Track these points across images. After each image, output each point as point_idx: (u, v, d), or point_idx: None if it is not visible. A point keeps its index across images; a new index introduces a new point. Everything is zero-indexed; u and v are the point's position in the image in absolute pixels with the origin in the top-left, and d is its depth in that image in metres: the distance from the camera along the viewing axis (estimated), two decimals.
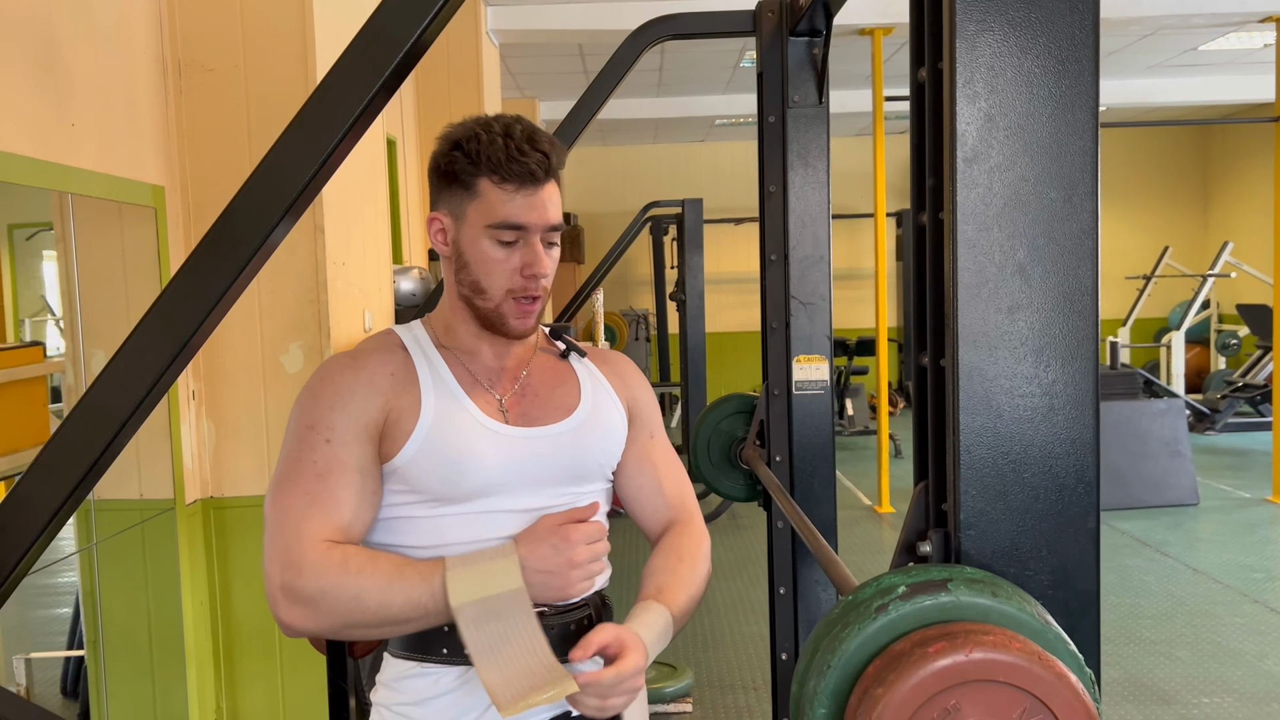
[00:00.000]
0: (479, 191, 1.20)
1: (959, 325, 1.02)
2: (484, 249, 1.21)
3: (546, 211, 1.21)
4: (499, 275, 1.21)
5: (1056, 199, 1.01)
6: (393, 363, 1.23)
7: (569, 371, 1.33)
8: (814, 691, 0.92)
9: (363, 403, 1.19)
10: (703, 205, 7.69)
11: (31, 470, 1.04)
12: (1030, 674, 0.86)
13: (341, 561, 1.13)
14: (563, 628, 1.23)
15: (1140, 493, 6.41)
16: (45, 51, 2.28)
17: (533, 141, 1.19)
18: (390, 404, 1.20)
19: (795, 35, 2.25)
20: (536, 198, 1.20)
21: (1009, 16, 1.00)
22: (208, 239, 1.03)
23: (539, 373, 1.30)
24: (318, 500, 1.16)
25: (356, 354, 1.24)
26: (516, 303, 1.22)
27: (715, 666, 4.04)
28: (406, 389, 1.21)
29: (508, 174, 1.18)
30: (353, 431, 1.18)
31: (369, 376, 1.21)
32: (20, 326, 4.81)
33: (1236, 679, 3.78)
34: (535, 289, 1.22)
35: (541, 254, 1.21)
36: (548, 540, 1.16)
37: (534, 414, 1.26)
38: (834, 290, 2.37)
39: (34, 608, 4.64)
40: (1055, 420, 1.02)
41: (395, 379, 1.21)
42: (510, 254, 1.21)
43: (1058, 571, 1.03)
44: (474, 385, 1.25)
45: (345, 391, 1.19)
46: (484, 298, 1.22)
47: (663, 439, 1.40)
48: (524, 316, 1.23)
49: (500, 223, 1.19)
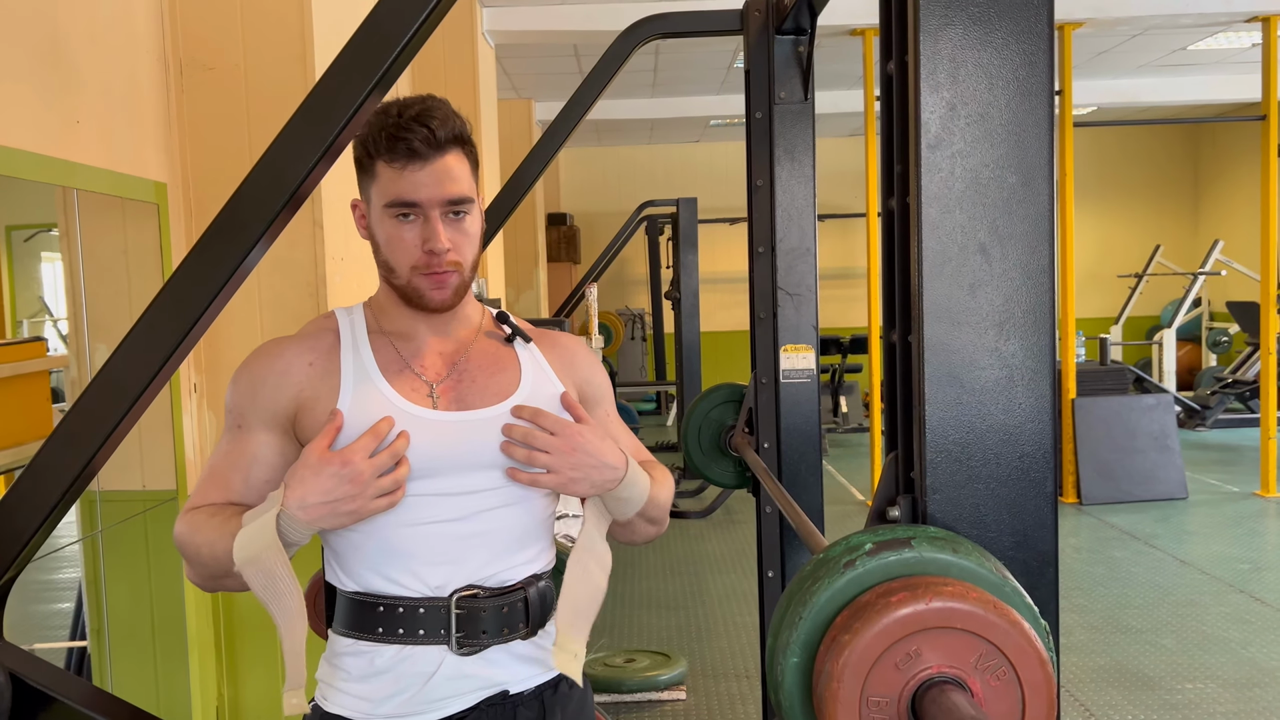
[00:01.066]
0: (375, 173, 1.22)
1: (924, 302, 1.08)
2: (386, 229, 1.23)
3: (441, 186, 1.21)
4: (402, 253, 1.23)
5: (1015, 183, 1.08)
6: (316, 350, 1.26)
7: (511, 357, 1.32)
8: (786, 642, 0.99)
9: (273, 392, 1.23)
10: (697, 205, 7.77)
11: (47, 445, 1.10)
12: (985, 621, 0.92)
13: (190, 521, 1.21)
14: (496, 610, 1.24)
15: (1129, 487, 6.48)
16: (50, 49, 2.34)
17: (420, 118, 1.20)
18: (304, 393, 1.23)
19: (781, 34, 2.31)
20: (425, 173, 1.20)
21: (970, 12, 1.06)
22: (215, 225, 1.09)
23: (478, 357, 1.30)
24: (213, 477, 1.24)
25: (282, 341, 1.27)
26: (425, 277, 1.23)
27: (709, 655, 4.10)
28: (326, 377, 1.24)
29: (393, 153, 1.20)
30: (259, 419, 1.23)
31: (284, 366, 1.24)
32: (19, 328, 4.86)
33: (1220, 665, 3.85)
34: (438, 264, 1.22)
35: (438, 229, 1.21)
36: (325, 470, 1.14)
37: (468, 398, 1.26)
38: (827, 289, 2.45)
39: (36, 602, 4.69)
40: (1015, 390, 1.09)
41: (314, 368, 1.24)
42: (409, 230, 1.22)
43: (1018, 533, 1.09)
44: (401, 370, 1.26)
45: (258, 380, 1.24)
46: (395, 276, 1.25)
47: (615, 414, 1.41)
48: (438, 288, 1.24)
49: (392, 200, 1.21)
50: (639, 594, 4.96)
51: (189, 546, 1.20)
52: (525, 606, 1.27)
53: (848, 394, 9.33)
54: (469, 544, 1.24)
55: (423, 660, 1.22)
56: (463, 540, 1.24)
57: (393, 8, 1.06)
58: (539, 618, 1.29)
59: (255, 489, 1.23)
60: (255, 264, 1.12)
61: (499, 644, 1.25)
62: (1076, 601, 4.64)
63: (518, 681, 1.27)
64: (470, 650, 1.23)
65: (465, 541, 1.24)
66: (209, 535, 1.18)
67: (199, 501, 1.23)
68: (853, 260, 11.13)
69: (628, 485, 1.26)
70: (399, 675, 1.23)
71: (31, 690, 1.09)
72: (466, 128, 1.25)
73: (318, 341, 1.27)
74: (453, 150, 1.22)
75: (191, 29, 2.90)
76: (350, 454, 1.14)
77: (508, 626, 1.25)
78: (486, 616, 1.23)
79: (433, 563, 1.23)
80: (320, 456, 1.15)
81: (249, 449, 1.23)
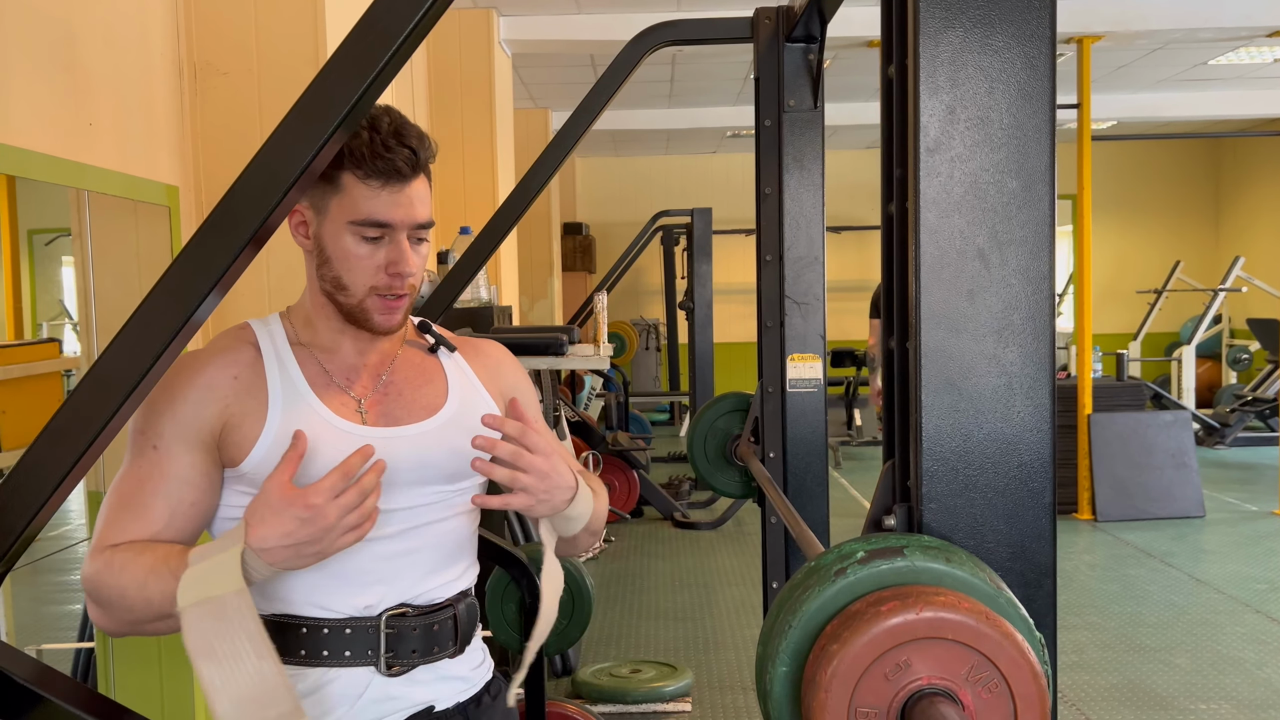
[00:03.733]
0: (342, 186, 1.16)
1: (922, 308, 1.07)
2: (346, 245, 1.17)
3: (413, 208, 1.17)
4: (361, 272, 1.17)
5: (1015, 188, 1.07)
6: (239, 364, 1.19)
7: (436, 368, 1.28)
8: (775, 650, 0.97)
9: (195, 409, 1.16)
10: (712, 215, 7.76)
11: (41, 437, 1.10)
12: (977, 632, 0.90)
13: (108, 561, 1.11)
14: (425, 629, 1.21)
15: (1145, 504, 6.41)
16: (65, 52, 2.36)
17: (399, 136, 1.16)
18: (230, 409, 1.17)
19: (791, 41, 2.31)
20: (402, 194, 1.16)
21: (970, 15, 1.05)
22: (209, 222, 1.09)
23: (404, 370, 1.26)
24: (128, 507, 1.15)
25: (201, 355, 1.21)
26: (381, 299, 1.18)
27: (715, 667, 4.07)
28: (251, 392, 1.18)
29: (372, 170, 1.15)
30: (181, 438, 1.16)
31: (207, 381, 1.17)
32: (39, 330, 4.91)
33: (1234, 686, 3.79)
34: (401, 286, 1.18)
35: (408, 252, 1.17)
36: (287, 511, 1.05)
37: (396, 413, 1.23)
38: (843, 301, 2.44)
39: (46, 603, 4.71)
40: (1013, 399, 1.07)
41: (238, 382, 1.18)
42: (374, 250, 1.17)
43: (1015, 544, 1.07)
44: (328, 385, 1.21)
45: (179, 397, 1.17)
46: (346, 294, 1.19)
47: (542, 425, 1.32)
48: (389, 313, 1.19)
49: (364, 219, 1.16)
50: (647, 605, 4.93)
51: (107, 589, 1.10)
52: (455, 624, 1.24)
53: (861, 406, 9.28)
54: (398, 563, 1.20)
55: (349, 682, 1.18)
56: (392, 559, 1.20)
57: (389, 6, 1.06)
58: (467, 635, 1.27)
59: (181, 513, 1.15)
60: (249, 262, 1.12)
61: (426, 663, 1.22)
62: (1090, 619, 4.58)
63: (444, 698, 1.25)
64: (399, 670, 1.20)
65: (395, 560, 1.20)
66: (136, 575, 1.09)
67: (115, 538, 1.13)
68: (868, 273, 11.09)
69: (577, 503, 1.22)
70: (323, 698, 1.18)
71: (18, 688, 1.09)
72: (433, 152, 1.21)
73: (238, 355, 1.20)
74: (423, 174, 1.20)
75: (206, 33, 2.92)
76: (314, 495, 1.05)
77: (437, 645, 1.23)
78: (416, 636, 1.21)
79: (362, 583, 1.18)
80: (281, 495, 1.06)
81: (171, 470, 1.15)
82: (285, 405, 1.18)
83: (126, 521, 1.14)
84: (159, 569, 1.09)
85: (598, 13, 6.22)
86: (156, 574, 1.08)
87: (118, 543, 1.13)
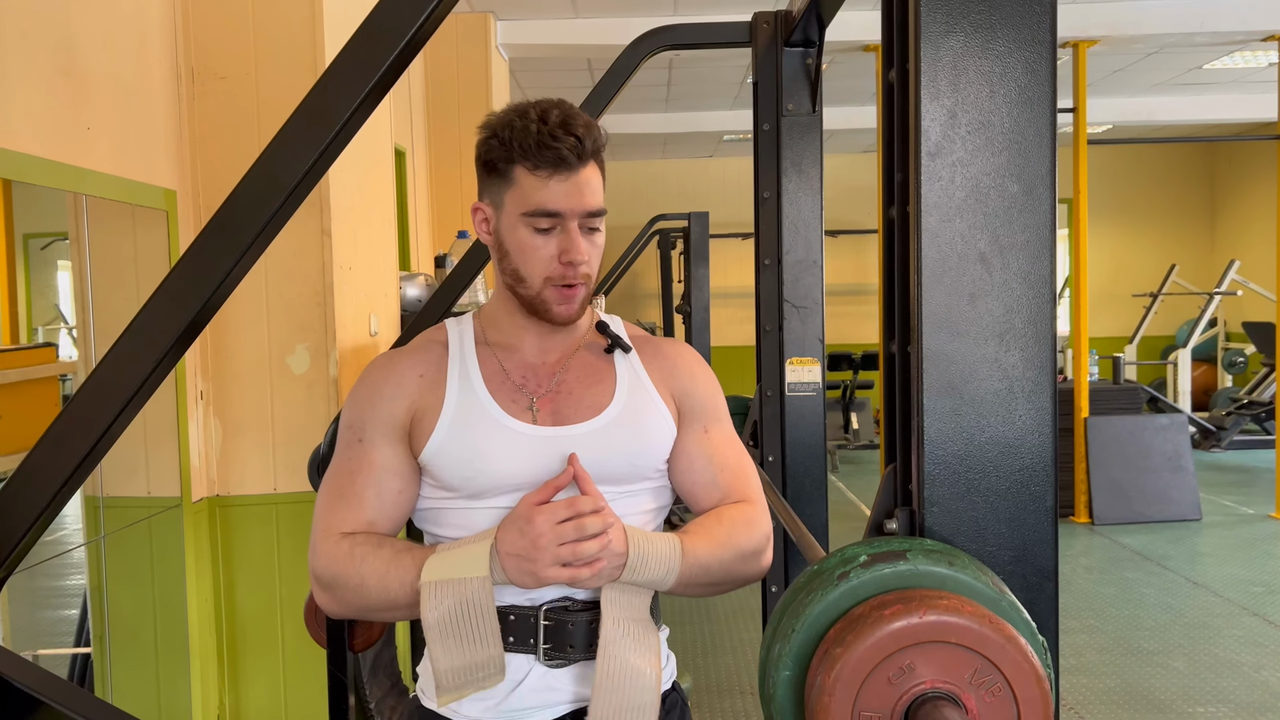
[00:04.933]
0: (514, 179, 1.21)
1: (923, 312, 1.07)
2: (521, 237, 1.21)
3: (583, 197, 1.20)
4: (537, 263, 1.21)
5: (1017, 192, 1.07)
6: (425, 362, 1.27)
7: (609, 368, 1.30)
8: (779, 654, 0.97)
9: (389, 403, 1.24)
10: (709, 219, 7.76)
11: (42, 442, 1.10)
12: (980, 636, 0.90)
13: (348, 550, 1.19)
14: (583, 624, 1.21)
15: (1142, 507, 6.42)
16: (64, 57, 2.35)
17: (567, 126, 1.19)
18: (416, 404, 1.24)
19: (790, 46, 2.31)
20: (570, 183, 1.19)
21: (971, 19, 1.05)
22: (211, 226, 1.09)
23: (578, 369, 1.29)
24: (344, 496, 1.23)
25: (395, 354, 1.29)
26: (556, 289, 1.22)
27: (714, 671, 4.07)
28: (434, 388, 1.24)
29: (540, 160, 1.19)
30: (380, 431, 1.24)
31: (397, 378, 1.25)
32: (34, 334, 4.90)
33: (1231, 689, 3.80)
34: (574, 276, 1.21)
35: (578, 240, 1.21)
36: (515, 523, 1.15)
37: (565, 412, 1.25)
38: (839, 305, 2.43)
39: (43, 608, 4.69)
40: (1015, 402, 1.07)
41: (424, 379, 1.25)
42: (547, 241, 1.21)
43: (1017, 548, 1.07)
44: (504, 383, 1.26)
45: (375, 393, 1.25)
46: (524, 286, 1.23)
47: (722, 432, 1.33)
48: (566, 302, 1.23)
49: (535, 210, 1.20)
50: None
51: (348, 576, 1.18)
52: None
53: (859, 410, 9.28)
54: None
55: (510, 668, 1.21)
56: None
57: (391, 10, 1.06)
58: None
59: (390, 500, 1.23)
60: (250, 266, 1.12)
61: (587, 659, 1.22)
62: (1087, 622, 4.59)
63: None
64: (558, 663, 1.22)
65: None
66: (377, 566, 1.17)
67: (336, 525, 1.22)
68: (865, 276, 11.11)
69: (630, 572, 1.18)
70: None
71: (18, 693, 1.09)
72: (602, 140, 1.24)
73: (427, 354, 1.28)
74: (592, 161, 1.22)
75: (204, 38, 2.92)
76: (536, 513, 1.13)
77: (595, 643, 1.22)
78: (574, 630, 1.21)
79: None
80: (522, 505, 1.15)
81: (376, 460, 1.23)
82: (459, 402, 1.24)
83: (343, 511, 1.23)
84: (400, 559, 1.18)
85: (595, 17, 6.23)
86: (398, 564, 1.17)
87: (342, 532, 1.21)
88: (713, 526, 1.27)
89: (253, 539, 3.01)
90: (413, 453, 1.25)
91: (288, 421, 2.99)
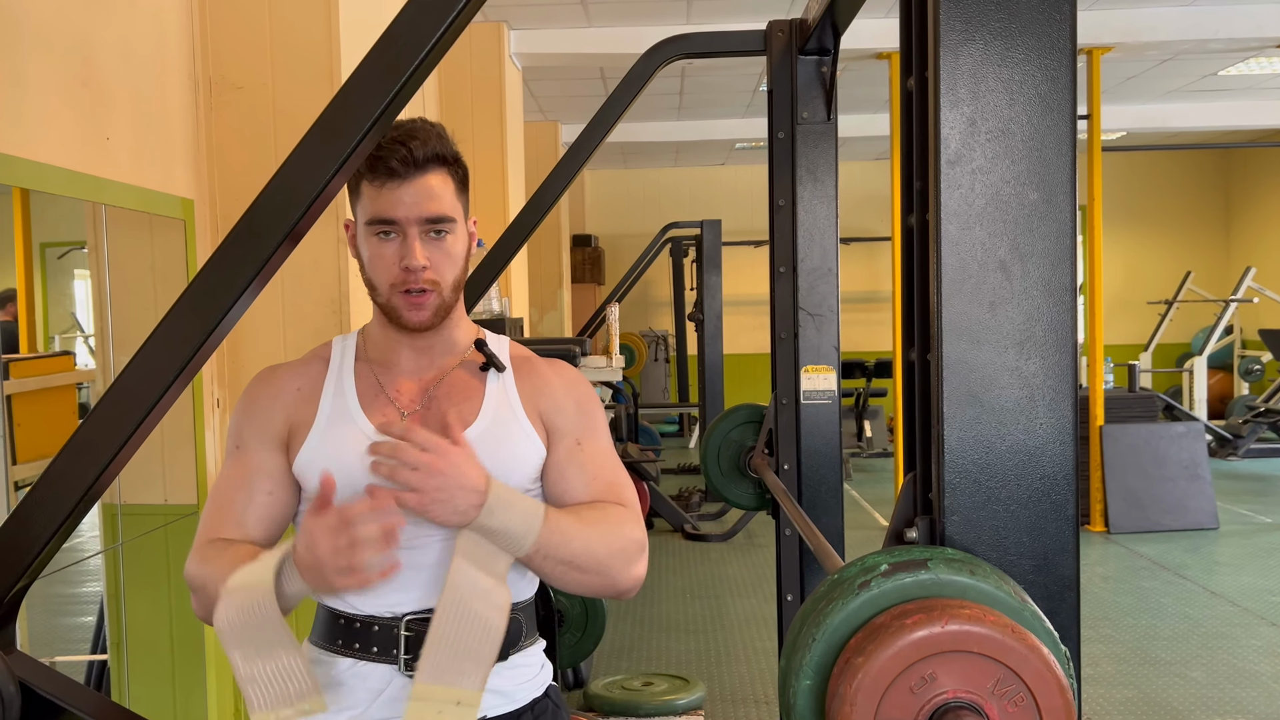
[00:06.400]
0: (360, 192, 1.25)
1: (943, 320, 1.07)
2: (369, 246, 1.24)
3: (418, 204, 1.22)
4: (382, 270, 1.24)
5: (1037, 199, 1.07)
6: (304, 376, 1.31)
7: (479, 386, 1.31)
8: (799, 664, 0.97)
9: (266, 413, 1.28)
10: (721, 227, 7.77)
11: (63, 451, 1.11)
12: (1003, 645, 0.90)
13: (202, 554, 1.23)
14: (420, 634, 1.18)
15: (1158, 516, 6.38)
16: (83, 68, 2.37)
17: (400, 139, 1.22)
18: (292, 416, 1.28)
19: (804, 54, 2.31)
20: (404, 191, 1.21)
21: (990, 27, 1.05)
22: (232, 236, 1.10)
23: (451, 386, 1.30)
24: (215, 503, 1.28)
25: (276, 367, 1.34)
26: (403, 296, 1.24)
27: (728, 680, 4.06)
28: (309, 402, 1.28)
29: (374, 172, 1.22)
30: (255, 438, 1.28)
31: (275, 390, 1.30)
32: (51, 343, 4.93)
33: (1250, 700, 3.76)
34: (415, 281, 1.22)
35: (415, 247, 1.22)
36: (301, 536, 1.13)
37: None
38: (852, 313, 2.43)
39: (60, 615, 4.71)
40: (1036, 411, 1.07)
41: (300, 393, 1.29)
42: (389, 248, 1.23)
43: (1038, 557, 1.07)
44: (376, 398, 1.28)
45: (254, 403, 1.30)
46: (377, 294, 1.26)
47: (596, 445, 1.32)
48: (415, 309, 1.24)
49: (372, 218, 1.23)
50: (658, 617, 4.92)
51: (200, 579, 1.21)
52: None
53: (872, 418, 9.25)
54: (423, 573, 1.23)
55: (373, 677, 1.24)
56: (417, 569, 1.23)
57: (410, 22, 1.07)
58: None
59: (260, 502, 1.26)
60: (271, 275, 1.13)
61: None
62: (1103, 632, 4.55)
63: None
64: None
65: (419, 570, 1.23)
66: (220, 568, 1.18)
67: (208, 534, 1.25)
68: (878, 284, 11.08)
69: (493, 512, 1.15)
70: (351, 689, 1.24)
71: (41, 700, 1.09)
72: (451, 148, 1.27)
73: (308, 368, 1.32)
74: (434, 170, 1.24)
75: (221, 48, 2.94)
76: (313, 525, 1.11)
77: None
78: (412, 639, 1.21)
79: (387, 588, 1.21)
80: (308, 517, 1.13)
81: (249, 465, 1.27)
82: (330, 417, 1.27)
83: (215, 517, 1.26)
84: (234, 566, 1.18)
85: (608, 26, 6.24)
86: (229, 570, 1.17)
87: (212, 538, 1.25)
88: (583, 510, 1.25)
89: None
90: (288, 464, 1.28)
91: None
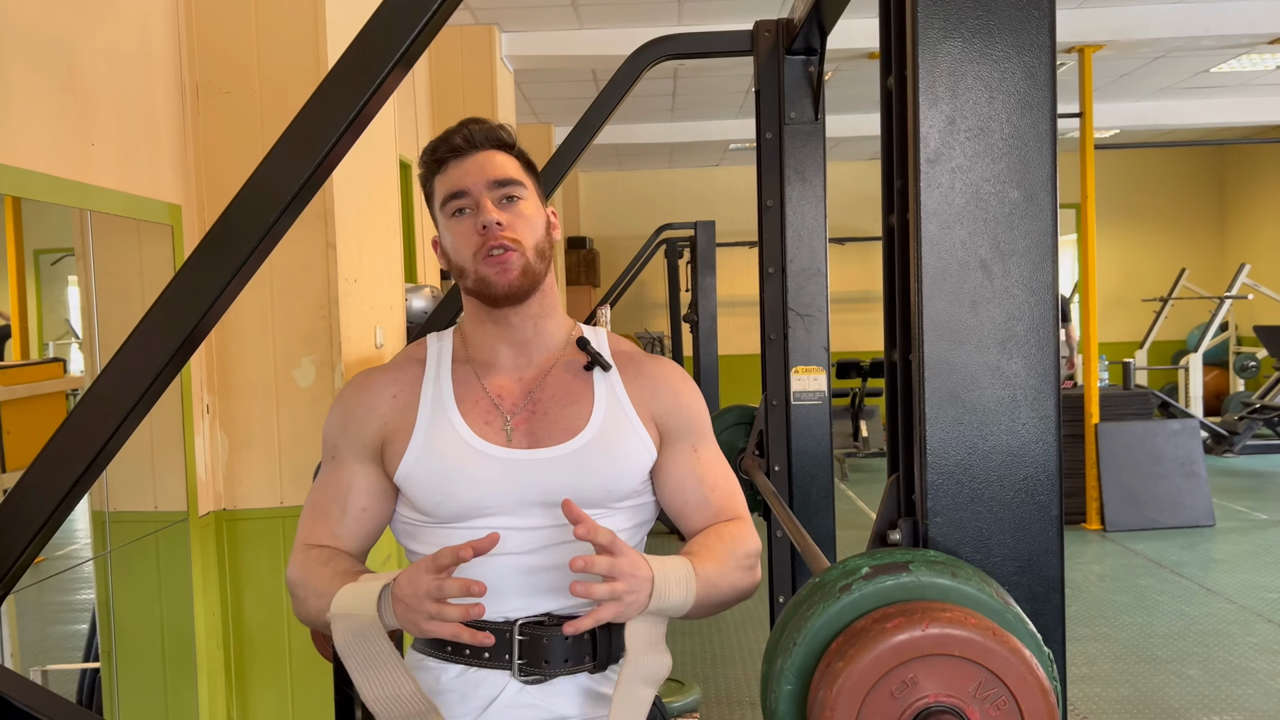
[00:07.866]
0: (434, 190, 1.28)
1: (924, 320, 1.06)
2: (448, 231, 1.26)
3: (483, 171, 1.24)
4: (464, 244, 1.24)
5: (1017, 198, 1.06)
6: (400, 382, 1.27)
7: (587, 387, 1.27)
8: (780, 669, 0.96)
9: (360, 424, 1.27)
10: (715, 228, 7.75)
11: (41, 457, 1.10)
12: (984, 649, 0.89)
13: (303, 562, 1.24)
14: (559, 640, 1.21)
15: (1154, 513, 6.38)
16: (68, 73, 2.36)
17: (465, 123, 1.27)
18: (388, 424, 1.25)
19: (791, 54, 2.30)
20: (469, 163, 1.24)
21: (969, 25, 1.04)
22: (209, 238, 1.08)
23: (554, 387, 1.27)
24: (314, 510, 1.28)
25: (371, 373, 1.31)
26: (487, 262, 1.22)
27: (722, 682, 4.05)
28: (407, 410, 1.25)
29: (439, 160, 1.26)
30: (351, 449, 1.27)
31: (370, 399, 1.27)
32: (45, 349, 4.92)
33: (1247, 697, 3.76)
34: (493, 238, 1.22)
35: (489, 206, 1.22)
36: (409, 572, 1.13)
37: (539, 434, 1.24)
38: (846, 313, 2.43)
39: (53, 623, 4.70)
40: (1018, 410, 1.06)
41: (396, 400, 1.26)
42: (465, 222, 1.24)
43: (1022, 558, 1.06)
44: (478, 403, 1.25)
45: (348, 412, 1.28)
46: (466, 277, 1.24)
47: (709, 450, 1.32)
48: (500, 269, 1.22)
49: (445, 197, 1.25)
50: None
51: (301, 588, 1.23)
52: (593, 640, 1.23)
53: (868, 418, 9.25)
54: (536, 578, 1.22)
55: (486, 684, 1.22)
56: (530, 574, 1.22)
57: (385, 23, 1.06)
58: (606, 653, 1.24)
59: (354, 517, 1.26)
60: (249, 279, 1.11)
61: (564, 675, 1.22)
62: (1100, 630, 4.55)
63: (582, 716, 1.23)
64: (533, 679, 1.22)
65: (533, 575, 1.22)
66: (318, 584, 1.20)
67: (307, 539, 1.27)
68: (872, 284, 11.08)
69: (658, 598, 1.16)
70: (463, 696, 1.23)
71: (17, 711, 1.08)
72: (511, 137, 1.29)
73: (403, 372, 1.29)
74: (493, 148, 1.27)
75: (208, 53, 2.93)
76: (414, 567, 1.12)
77: (571, 659, 1.22)
78: (550, 646, 1.21)
79: (502, 593, 1.20)
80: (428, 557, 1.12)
81: (344, 478, 1.27)
82: (431, 424, 1.24)
83: (312, 524, 1.28)
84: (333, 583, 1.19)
85: (599, 28, 6.24)
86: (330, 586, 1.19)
87: (310, 543, 1.26)
88: (714, 544, 1.26)
89: (259, 553, 3.01)
90: (389, 473, 1.26)
91: (293, 435, 2.99)
